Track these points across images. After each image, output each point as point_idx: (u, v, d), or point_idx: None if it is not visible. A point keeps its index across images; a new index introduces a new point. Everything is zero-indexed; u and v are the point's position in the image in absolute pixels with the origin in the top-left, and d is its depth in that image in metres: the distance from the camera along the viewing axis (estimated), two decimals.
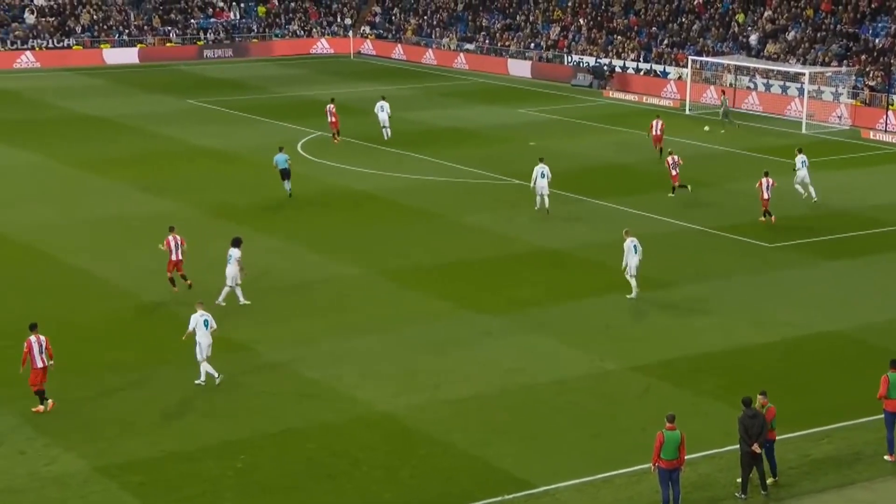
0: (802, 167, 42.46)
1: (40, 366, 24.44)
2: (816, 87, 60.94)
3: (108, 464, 22.40)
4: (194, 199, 42.76)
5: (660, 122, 50.73)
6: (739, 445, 21.20)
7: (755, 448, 20.94)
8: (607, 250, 35.06)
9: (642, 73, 71.56)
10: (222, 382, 25.94)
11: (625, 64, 72.74)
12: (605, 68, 72.43)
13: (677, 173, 42.85)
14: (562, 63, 76.32)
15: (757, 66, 64.37)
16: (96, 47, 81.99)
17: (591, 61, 74.26)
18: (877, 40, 64.22)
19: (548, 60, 77.36)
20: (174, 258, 32.05)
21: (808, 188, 42.45)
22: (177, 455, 22.85)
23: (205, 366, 25.98)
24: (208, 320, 25.99)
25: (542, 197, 40.53)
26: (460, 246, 37.33)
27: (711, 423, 24.00)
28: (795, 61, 64.87)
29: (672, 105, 65.36)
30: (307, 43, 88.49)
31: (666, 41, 72.93)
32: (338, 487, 21.72)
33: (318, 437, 23.73)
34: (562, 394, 25.96)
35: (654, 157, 49.23)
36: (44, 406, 24.54)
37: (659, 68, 70.92)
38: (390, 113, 54.38)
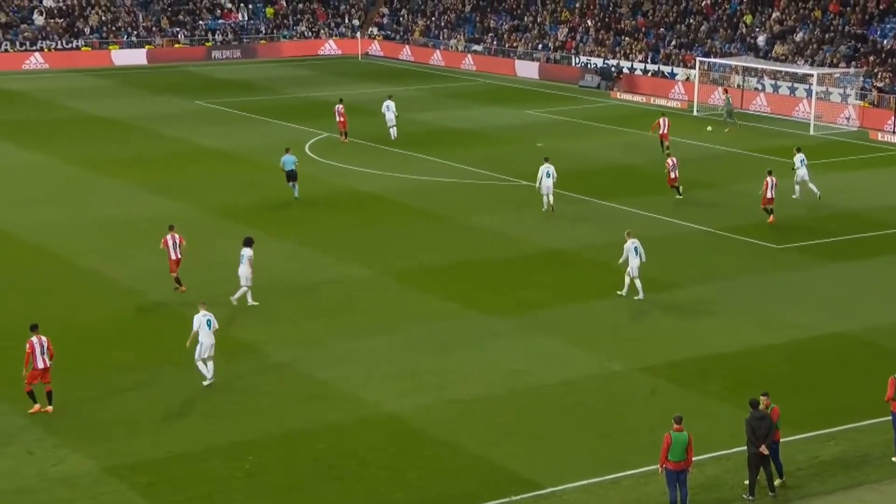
0: (801, 166, 42.50)
1: (41, 366, 24.48)
2: (824, 89, 60.86)
3: (116, 464, 22.45)
4: (202, 200, 42.84)
5: (666, 119, 51.21)
6: (747, 447, 21.20)
7: (763, 449, 20.95)
8: (614, 251, 34.98)
9: (650, 74, 71.52)
10: (211, 386, 25.91)
11: (632, 65, 72.72)
12: (613, 69, 72.40)
13: (676, 175, 42.93)
14: (569, 64, 76.31)
15: (765, 67, 64.29)
16: (104, 48, 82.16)
17: (599, 62, 74.24)
18: (885, 41, 64.12)
19: (555, 62, 77.36)
20: (173, 257, 32.17)
21: (806, 185, 42.50)
22: (185, 456, 22.90)
23: (200, 365, 26.01)
24: (211, 320, 26.03)
25: (547, 196, 40.61)
26: (467, 247, 37.36)
27: (718, 425, 23.98)
28: (803, 62, 64.81)
29: (680, 106, 65.31)
30: (315, 44, 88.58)
31: (674, 42, 72.89)
32: (345, 488, 21.75)
33: (325, 437, 23.77)
34: (569, 395, 25.97)
35: (662, 158, 49.12)
36: (40, 405, 24.54)
37: (667, 69, 70.89)
38: (397, 112, 54.50)
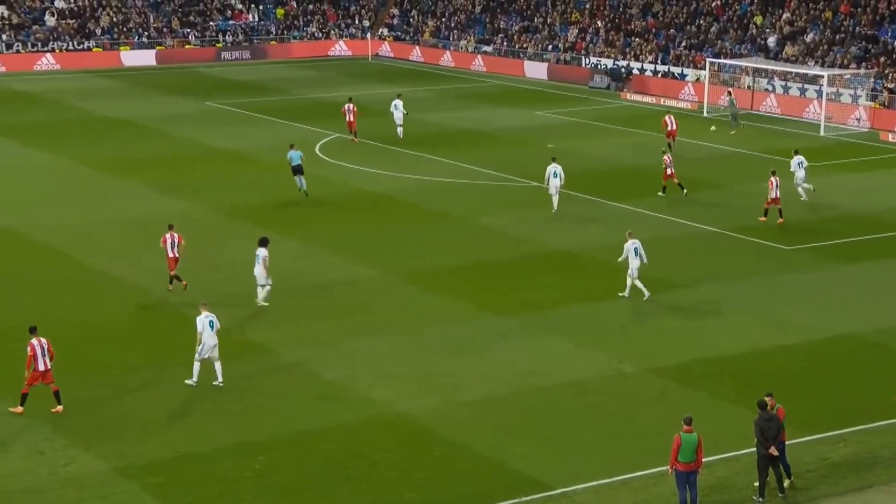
0: (800, 168, 42.49)
1: (42, 368, 24.52)
2: (835, 90, 60.75)
3: (127, 464, 22.49)
4: (212, 201, 42.91)
5: (672, 117, 51.67)
6: (756, 449, 21.19)
7: (772, 451, 20.94)
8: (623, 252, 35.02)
9: (660, 75, 71.46)
10: (195, 387, 25.92)
11: (642, 66, 72.67)
12: (623, 70, 72.35)
13: (672, 173, 43.04)
14: (579, 65, 76.28)
15: (775, 68, 64.21)
16: (116, 49, 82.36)
17: (609, 63, 74.20)
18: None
19: (565, 62, 77.34)
20: (171, 255, 32.30)
21: (802, 185, 42.57)
22: (195, 456, 22.94)
23: (197, 365, 26.04)
24: (213, 321, 26.05)
25: (552, 196, 40.71)
26: (476, 248, 37.36)
27: (728, 426, 23.96)
28: (814, 63, 64.70)
29: (690, 107, 65.25)
30: (325, 45, 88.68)
31: (684, 43, 72.81)
32: (355, 489, 21.77)
33: (334, 438, 23.79)
34: (578, 396, 25.97)
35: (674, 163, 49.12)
36: (57, 406, 24.65)
37: (677, 70, 70.82)
38: (405, 111, 54.57)
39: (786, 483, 21.56)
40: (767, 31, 70.05)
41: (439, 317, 30.98)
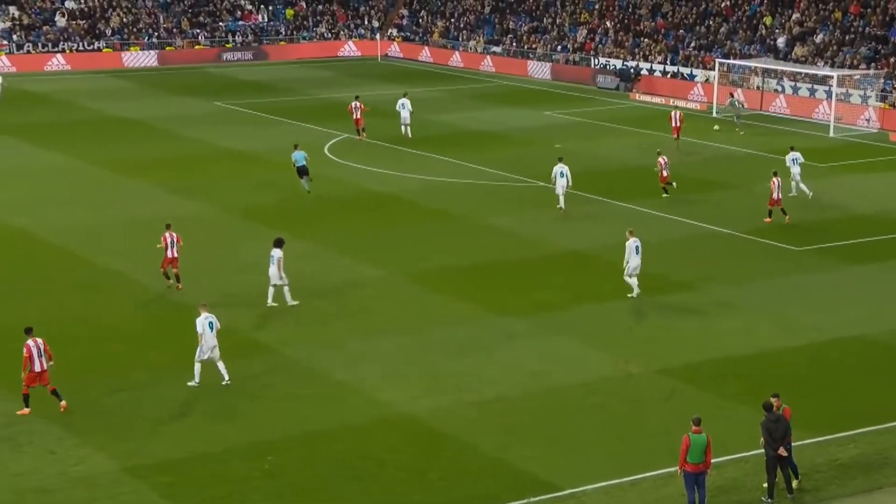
0: (794, 164, 42.53)
1: (38, 369, 24.57)
2: (844, 90, 60.66)
3: (137, 464, 22.58)
4: (222, 201, 43.02)
5: (678, 112, 51.67)
6: (764, 450, 21.20)
7: (781, 451, 20.94)
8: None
9: (669, 75, 71.42)
10: (198, 388, 26.00)
11: (651, 66, 72.63)
12: (632, 71, 72.33)
13: (668, 174, 43.03)
14: (588, 66, 76.26)
15: (784, 68, 64.14)
16: (125, 50, 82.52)
17: (618, 64, 74.18)
18: None
19: (574, 63, 77.32)
20: (169, 255, 32.47)
21: (798, 182, 42.61)
22: (204, 456, 23.02)
23: (198, 366, 26.12)
24: (213, 322, 26.13)
25: (559, 196, 40.77)
26: (484, 248, 37.40)
27: (737, 427, 23.96)
28: (823, 64, 64.60)
29: (699, 108, 65.19)
30: (334, 45, 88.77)
31: (693, 44, 72.75)
32: (364, 489, 21.83)
33: (343, 438, 23.85)
34: (586, 396, 26.00)
35: (679, 160, 49.12)
36: (63, 404, 24.75)
37: (686, 71, 70.76)
38: (412, 110, 54.64)
39: (794, 483, 21.57)
40: (777, 31, 69.96)
41: (447, 317, 31.03)
